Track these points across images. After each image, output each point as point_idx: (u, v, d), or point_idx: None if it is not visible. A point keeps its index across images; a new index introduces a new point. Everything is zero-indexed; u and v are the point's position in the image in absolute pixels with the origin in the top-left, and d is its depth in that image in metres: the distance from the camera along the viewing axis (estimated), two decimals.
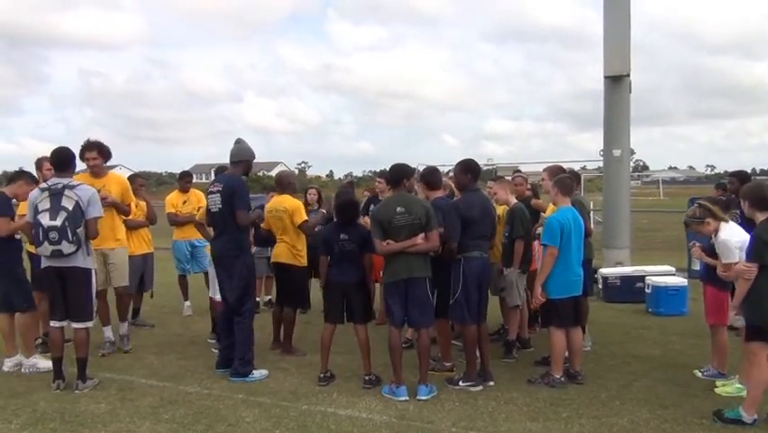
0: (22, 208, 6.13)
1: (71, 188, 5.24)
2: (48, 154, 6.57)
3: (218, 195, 5.72)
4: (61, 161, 5.44)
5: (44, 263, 5.36)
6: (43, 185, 5.36)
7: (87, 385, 5.39)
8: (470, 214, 5.40)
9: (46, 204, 5.16)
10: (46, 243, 5.12)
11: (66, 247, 5.14)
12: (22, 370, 5.90)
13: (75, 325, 5.40)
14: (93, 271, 5.46)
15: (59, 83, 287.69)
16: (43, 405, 5.03)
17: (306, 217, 6.51)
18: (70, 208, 5.15)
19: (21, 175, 6.11)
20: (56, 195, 5.17)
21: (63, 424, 4.67)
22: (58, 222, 5.11)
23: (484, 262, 5.55)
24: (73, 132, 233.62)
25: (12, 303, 5.93)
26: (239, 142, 5.99)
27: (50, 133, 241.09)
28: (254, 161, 6.04)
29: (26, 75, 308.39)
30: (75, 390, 5.32)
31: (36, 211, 5.18)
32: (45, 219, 5.12)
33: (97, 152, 6.22)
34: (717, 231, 5.01)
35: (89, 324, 5.47)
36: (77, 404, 5.04)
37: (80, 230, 5.19)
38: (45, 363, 5.87)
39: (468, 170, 5.66)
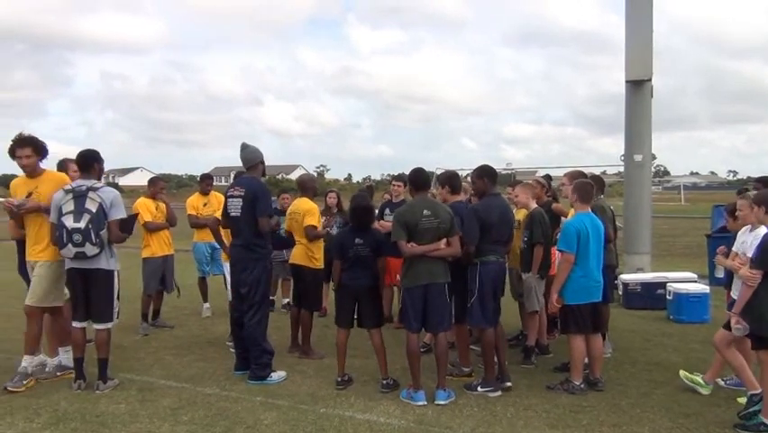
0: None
1: (95, 189, 5.30)
2: (70, 156, 6.68)
3: (240, 199, 5.74)
4: (86, 162, 5.49)
5: (68, 265, 5.42)
6: (67, 187, 5.40)
7: (108, 386, 5.44)
8: (489, 218, 5.39)
9: (70, 206, 5.22)
10: (70, 244, 5.19)
11: (89, 249, 5.20)
12: (46, 369, 5.96)
13: (96, 326, 5.46)
14: (116, 273, 5.51)
15: (82, 85, 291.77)
16: (64, 405, 5.09)
17: (314, 222, 6.53)
18: (94, 210, 5.21)
19: None
20: (80, 197, 5.23)
21: (84, 424, 4.72)
22: (81, 224, 5.17)
23: (500, 266, 5.53)
24: (95, 134, 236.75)
25: None
26: (246, 146, 5.98)
27: (73, 135, 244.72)
28: (273, 164, 6.08)
29: (50, 77, 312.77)
30: (96, 390, 5.37)
31: (60, 213, 5.24)
32: (69, 221, 5.18)
33: (32, 150, 5.52)
34: (755, 225, 4.92)
35: (110, 325, 5.53)
36: (98, 404, 5.09)
37: (103, 232, 5.26)
38: (67, 364, 5.94)
39: (484, 174, 5.66)
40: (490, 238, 5.41)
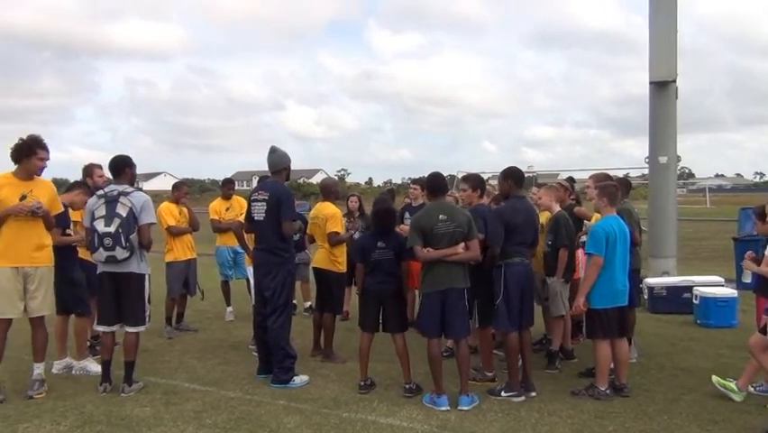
0: (77, 216, 6.29)
1: (126, 194, 5.38)
2: (96, 161, 6.80)
3: (263, 203, 5.77)
4: (117, 167, 5.59)
5: (99, 269, 5.49)
6: (100, 192, 5.49)
7: (133, 388, 5.49)
8: (514, 220, 5.38)
9: (102, 211, 5.32)
10: (101, 249, 5.29)
11: (119, 253, 5.28)
12: (73, 372, 6.04)
13: (128, 328, 5.54)
14: (147, 277, 5.58)
15: (108, 92, 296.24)
16: (90, 408, 5.14)
17: (337, 228, 6.54)
18: (124, 215, 5.29)
19: (79, 185, 6.25)
20: (111, 202, 5.33)
21: (109, 427, 4.76)
22: (112, 228, 5.25)
23: (526, 268, 5.49)
24: (119, 139, 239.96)
25: (68, 306, 6.07)
26: (274, 150, 6.02)
27: (98, 141, 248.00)
28: (295, 168, 6.14)
29: (76, 84, 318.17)
30: (121, 393, 5.42)
31: (92, 218, 5.34)
32: (101, 226, 5.28)
33: (47, 154, 5.50)
34: None
35: (141, 328, 5.60)
36: (123, 407, 5.14)
37: (133, 236, 5.33)
38: (95, 367, 6.02)
39: (509, 176, 5.67)
40: (515, 240, 5.38)
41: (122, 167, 5.59)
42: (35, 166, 5.46)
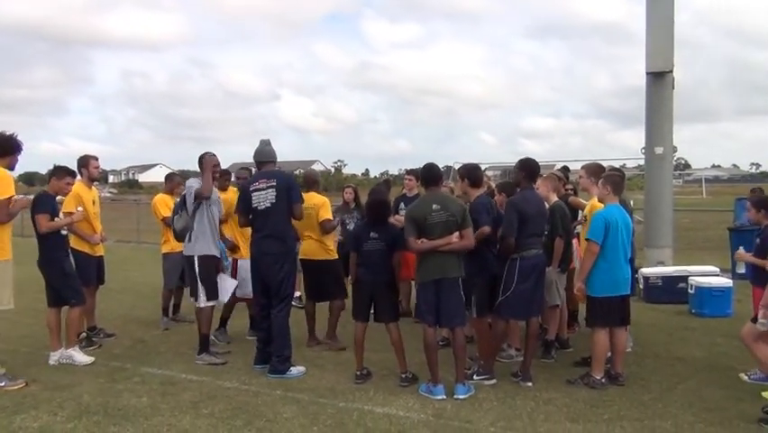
0: (66, 205, 6.26)
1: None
2: (90, 153, 6.77)
3: (272, 190, 5.75)
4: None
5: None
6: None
7: (203, 358, 6.10)
8: (528, 210, 5.42)
9: None
10: None
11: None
12: (60, 359, 5.99)
13: None
14: (195, 258, 6.15)
15: (103, 83, 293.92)
16: (87, 398, 5.14)
17: (329, 216, 6.57)
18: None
19: (54, 172, 6.09)
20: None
21: (106, 417, 4.76)
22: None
23: (541, 259, 5.55)
24: (115, 131, 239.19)
25: (62, 298, 6.03)
26: (269, 144, 6.05)
27: (93, 132, 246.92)
28: (291, 159, 6.24)
29: (71, 75, 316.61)
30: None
31: None
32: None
33: None
34: None
35: (207, 303, 6.19)
36: (120, 398, 5.15)
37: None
38: (81, 357, 6.01)
39: (522, 168, 5.74)
40: (528, 231, 5.42)
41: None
42: (16, 161, 5.59)
